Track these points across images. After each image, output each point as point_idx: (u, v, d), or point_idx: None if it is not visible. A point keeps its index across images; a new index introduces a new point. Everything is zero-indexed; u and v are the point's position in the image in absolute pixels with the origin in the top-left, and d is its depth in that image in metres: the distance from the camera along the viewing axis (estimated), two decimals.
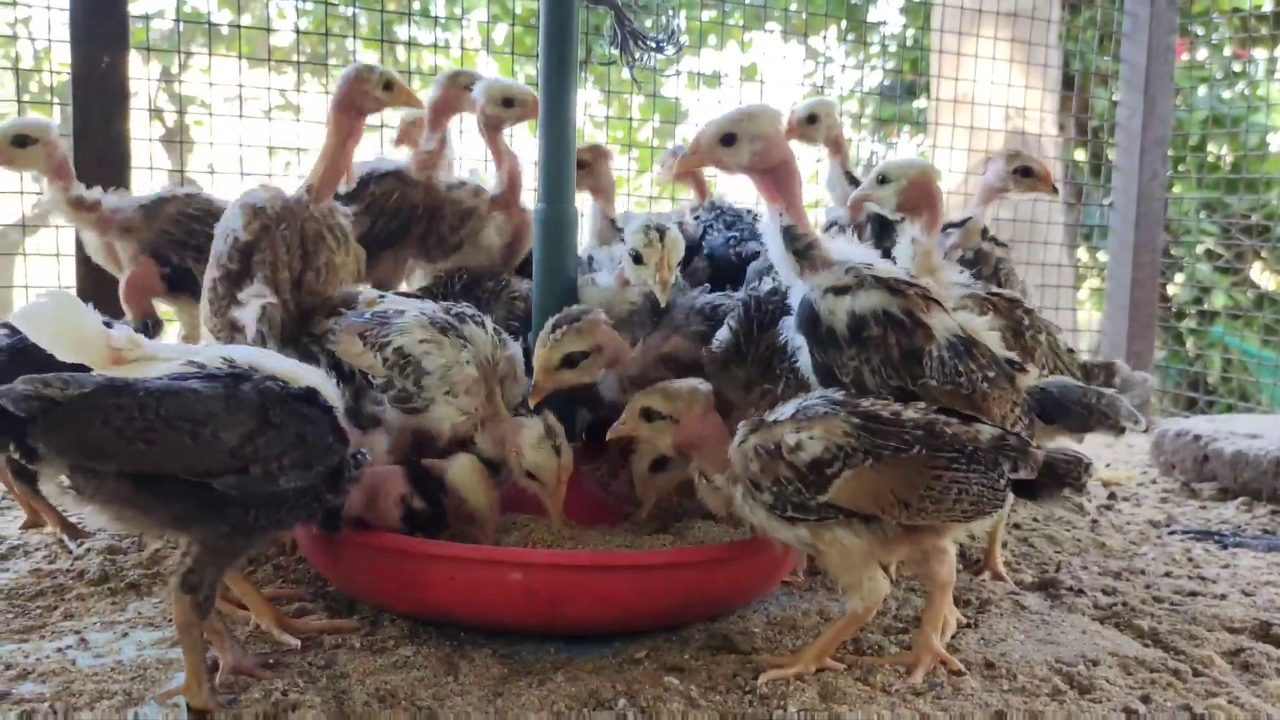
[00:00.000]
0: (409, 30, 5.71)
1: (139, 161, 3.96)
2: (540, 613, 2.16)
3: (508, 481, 2.46)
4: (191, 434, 1.81)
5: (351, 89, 2.85)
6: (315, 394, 2.01)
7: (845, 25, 7.38)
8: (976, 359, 2.20)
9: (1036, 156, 3.39)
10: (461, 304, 2.60)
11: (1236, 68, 7.59)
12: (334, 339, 2.53)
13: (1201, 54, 7.59)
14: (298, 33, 5.68)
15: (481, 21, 5.70)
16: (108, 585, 2.53)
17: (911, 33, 7.21)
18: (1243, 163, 6.60)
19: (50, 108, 4.71)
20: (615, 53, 3.10)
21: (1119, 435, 2.37)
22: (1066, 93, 6.81)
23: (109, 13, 3.79)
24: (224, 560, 1.93)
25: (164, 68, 6.54)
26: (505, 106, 3.17)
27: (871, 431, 2.03)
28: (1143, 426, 2.37)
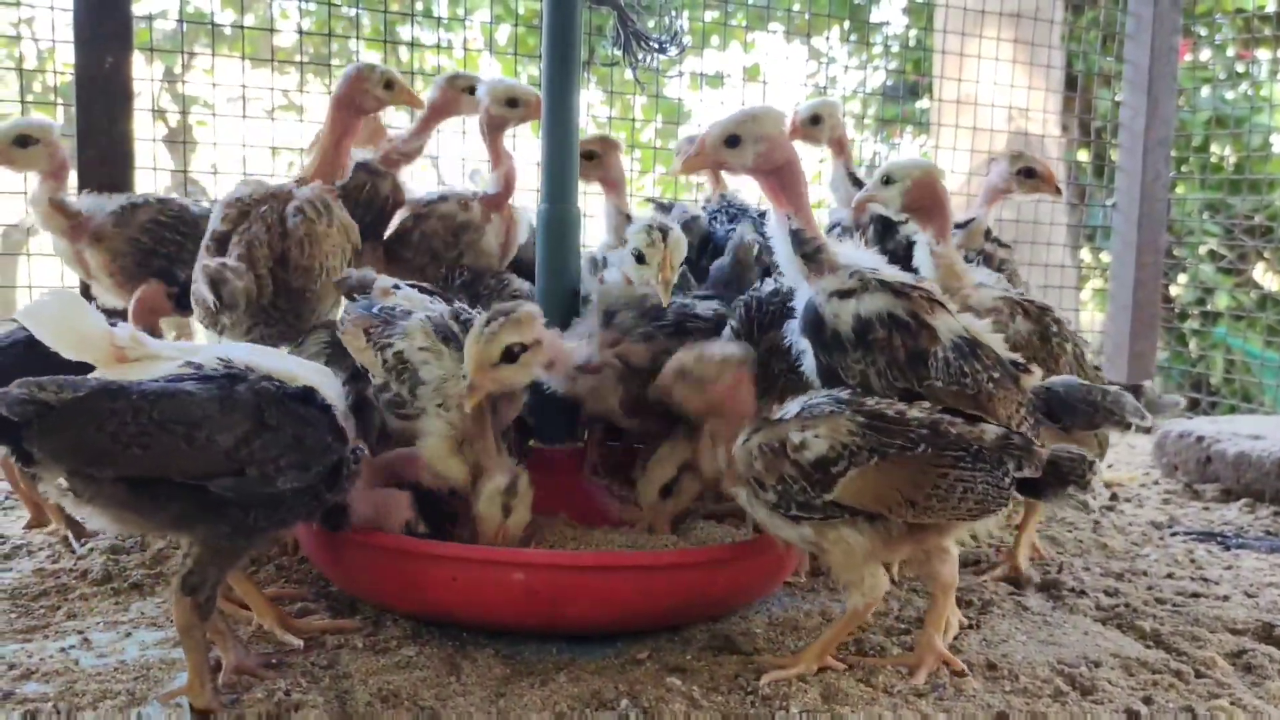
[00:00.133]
0: (412, 31, 5.71)
1: (142, 162, 3.96)
2: (542, 613, 2.17)
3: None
4: (186, 437, 1.80)
5: (352, 87, 2.86)
6: (313, 393, 2.00)
7: (848, 26, 7.39)
8: (981, 360, 2.20)
9: (1039, 157, 3.39)
10: (471, 311, 2.52)
11: (1240, 68, 7.59)
12: (341, 329, 2.52)
13: (1205, 55, 7.58)
14: (301, 33, 5.69)
15: (484, 22, 5.72)
16: (111, 585, 2.53)
17: (914, 33, 7.21)
18: (1246, 163, 6.59)
19: (54, 108, 4.72)
20: (618, 53, 3.10)
21: (1125, 431, 2.36)
22: (1069, 93, 6.80)
23: (112, 13, 3.80)
24: (225, 561, 1.93)
25: (167, 68, 6.56)
26: (509, 107, 3.17)
27: (877, 430, 2.03)
28: (1148, 423, 2.36)
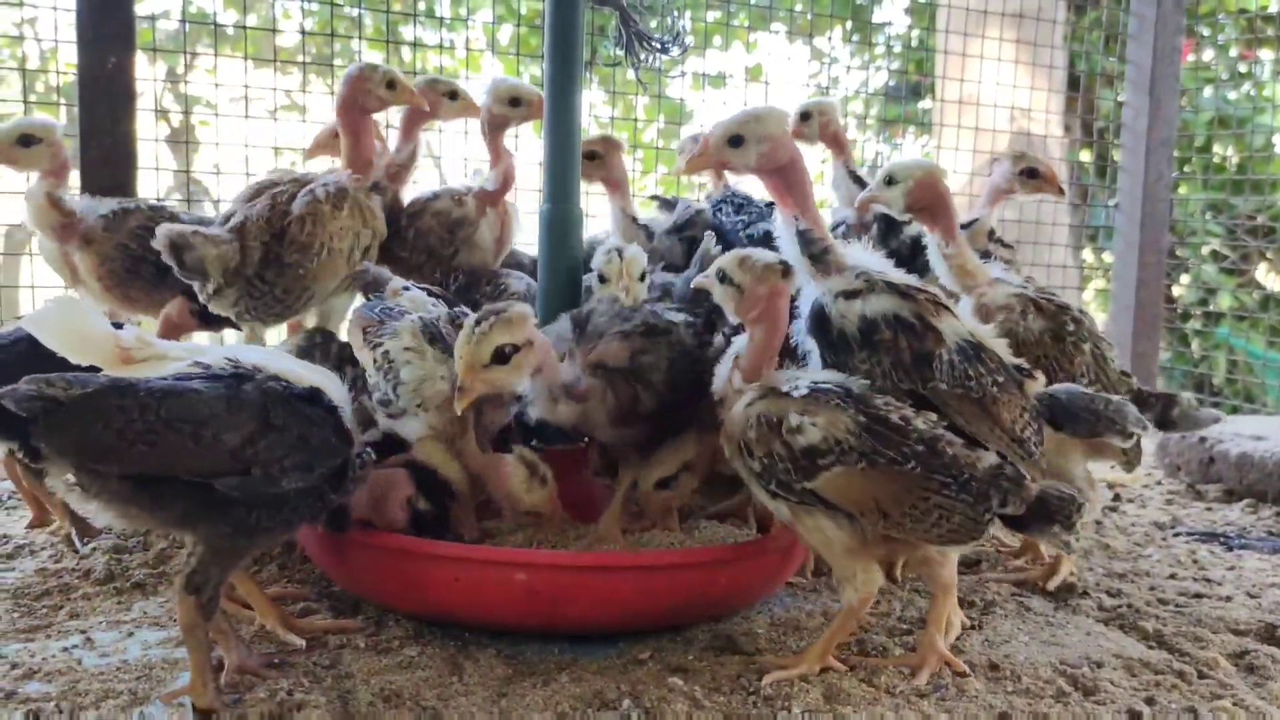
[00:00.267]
0: (414, 31, 5.71)
1: (145, 162, 3.97)
2: (544, 613, 2.17)
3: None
4: (193, 435, 1.81)
5: (354, 88, 2.87)
6: (319, 394, 2.01)
7: (850, 26, 7.38)
8: (985, 363, 2.21)
9: (1042, 158, 3.39)
10: (468, 313, 2.50)
11: (1242, 69, 7.58)
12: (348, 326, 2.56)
13: (1207, 55, 7.58)
14: (303, 33, 5.71)
15: (486, 22, 5.72)
16: (113, 585, 2.53)
17: (916, 34, 7.19)
18: (1248, 164, 6.59)
19: (56, 108, 4.72)
20: (620, 53, 3.10)
21: (1126, 441, 2.36)
22: (1072, 94, 6.80)
23: (115, 13, 3.80)
24: (228, 561, 1.93)
25: (170, 68, 6.56)
26: (511, 106, 3.18)
27: (875, 435, 2.02)
28: (1147, 432, 2.37)
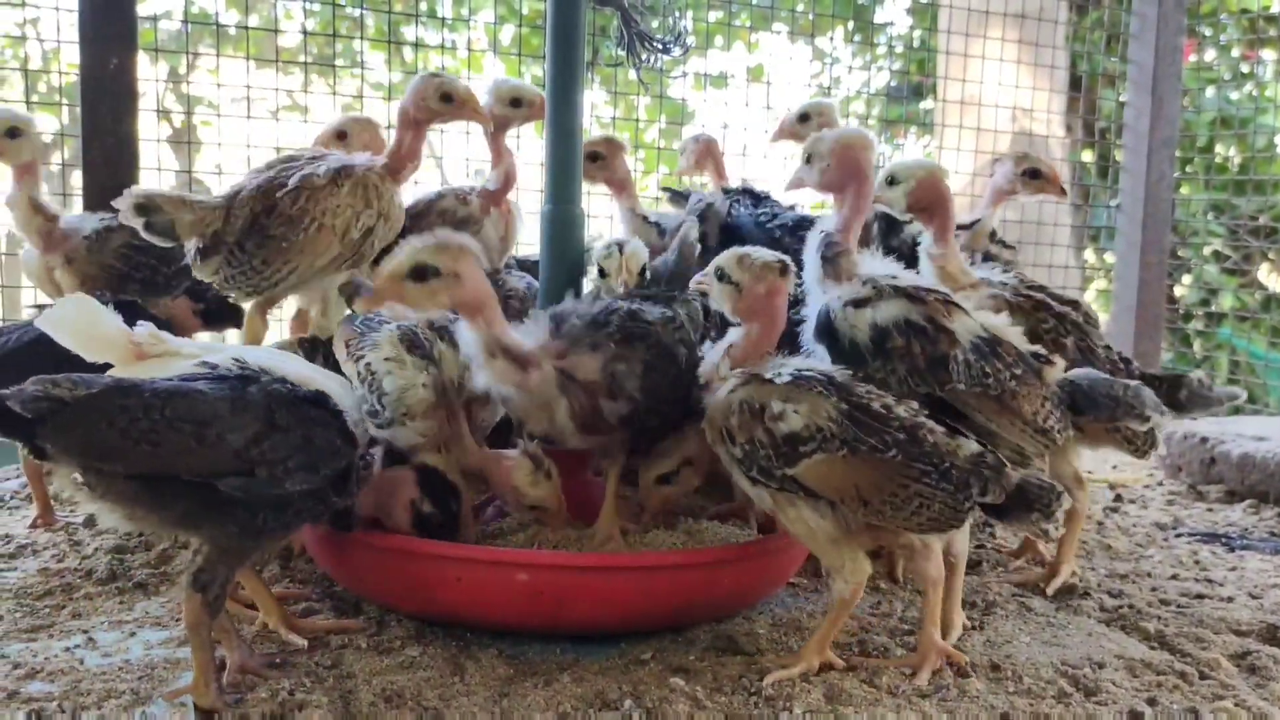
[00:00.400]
0: (416, 31, 5.71)
1: (147, 162, 3.97)
2: (546, 613, 2.17)
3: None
4: (197, 436, 1.82)
5: (411, 99, 2.83)
6: (324, 397, 2.02)
7: (852, 26, 7.39)
8: (1002, 358, 2.21)
9: (1044, 158, 3.39)
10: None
11: (1244, 69, 7.57)
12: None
13: (1209, 55, 7.57)
14: (305, 34, 5.71)
15: (488, 22, 5.71)
16: (115, 585, 2.54)
17: (918, 34, 7.18)
18: (1250, 164, 6.58)
19: (59, 108, 4.72)
20: (622, 54, 3.11)
21: (1143, 425, 2.35)
22: (1074, 94, 6.79)
23: (117, 14, 3.81)
24: (235, 560, 1.94)
25: (172, 68, 6.57)
26: (513, 106, 3.18)
27: (856, 423, 2.02)
28: (1169, 418, 2.35)
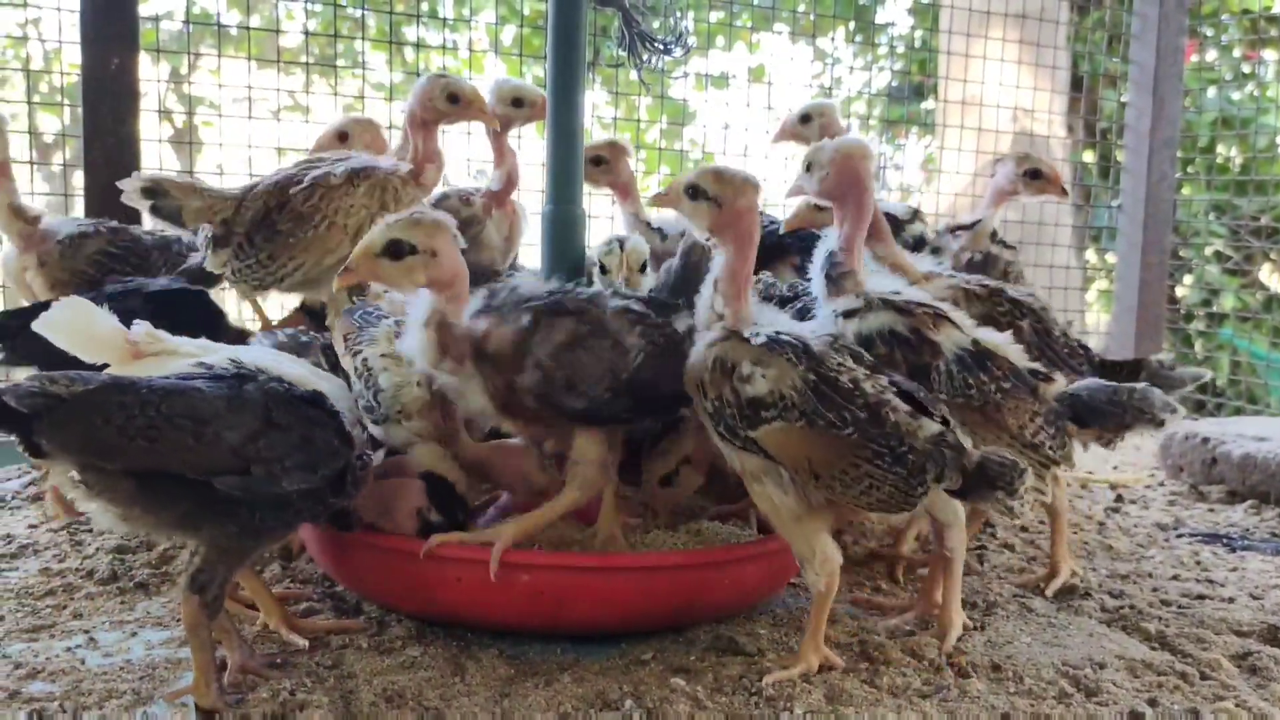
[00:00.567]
0: (417, 32, 5.71)
1: (148, 162, 3.98)
2: (546, 614, 2.17)
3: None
4: (194, 433, 1.82)
5: (418, 100, 2.83)
6: (321, 397, 2.02)
7: (853, 26, 7.39)
8: (990, 371, 2.23)
9: (1046, 159, 3.39)
10: None
11: (1246, 69, 7.57)
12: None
13: (1210, 55, 7.57)
14: (306, 34, 5.71)
15: (489, 23, 5.72)
16: (116, 585, 2.54)
17: (920, 34, 7.19)
18: (1252, 164, 6.58)
19: (60, 108, 4.74)
20: (623, 54, 3.11)
21: (1160, 429, 2.34)
22: (1075, 94, 6.79)
23: (118, 14, 3.81)
24: (232, 561, 1.94)
25: (173, 69, 6.57)
26: (515, 106, 3.19)
27: (819, 395, 2.02)
28: (1181, 415, 2.34)
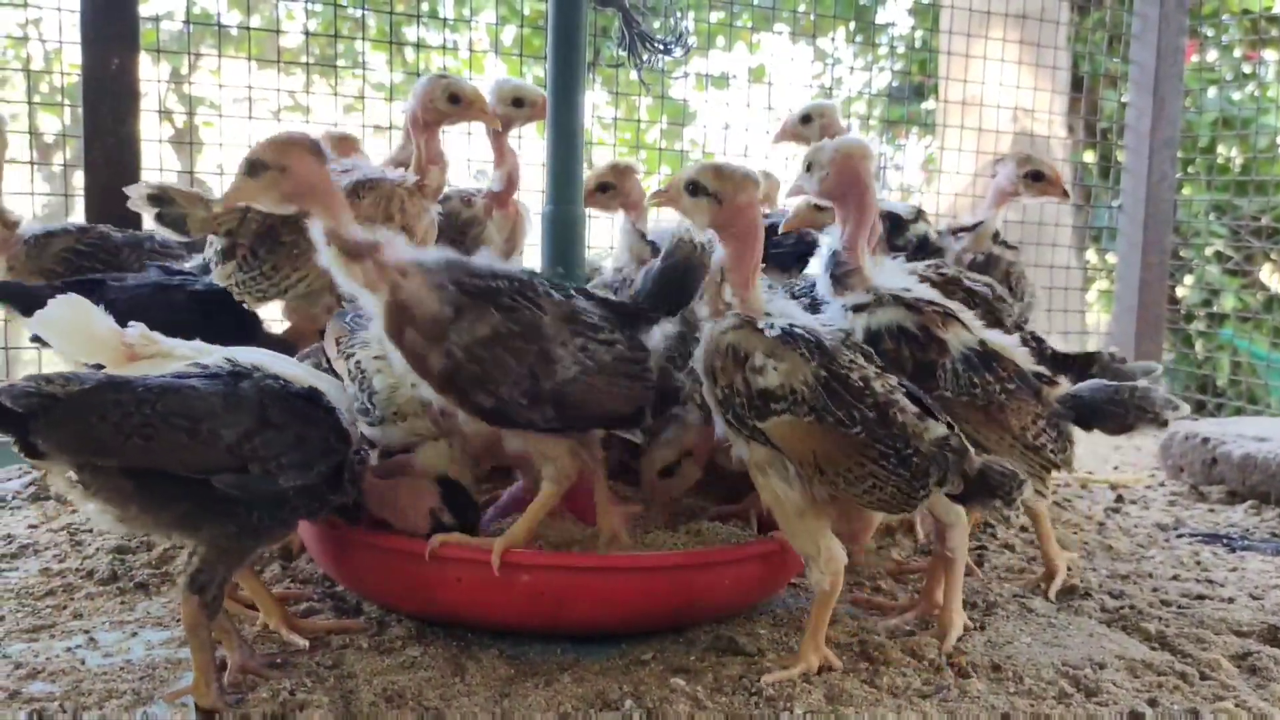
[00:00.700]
0: (417, 32, 5.72)
1: (148, 163, 3.98)
2: (547, 614, 2.17)
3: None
4: (189, 431, 1.83)
5: (419, 102, 2.83)
6: (317, 394, 2.03)
7: (854, 27, 7.39)
8: (995, 371, 2.24)
9: (1048, 160, 3.39)
10: None
11: (1246, 69, 7.57)
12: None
13: (1211, 55, 7.57)
14: (307, 34, 5.71)
15: (490, 23, 5.72)
16: (116, 585, 2.54)
17: (920, 34, 7.19)
18: (1252, 165, 6.58)
19: (60, 109, 4.74)
20: (623, 54, 3.10)
21: (1162, 429, 2.34)
22: (1075, 94, 6.80)
23: (119, 14, 3.81)
24: (231, 560, 1.94)
25: (173, 69, 6.56)
26: (515, 106, 3.19)
27: (830, 392, 2.02)
28: (1184, 412, 2.33)
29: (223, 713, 1.88)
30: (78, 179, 3.93)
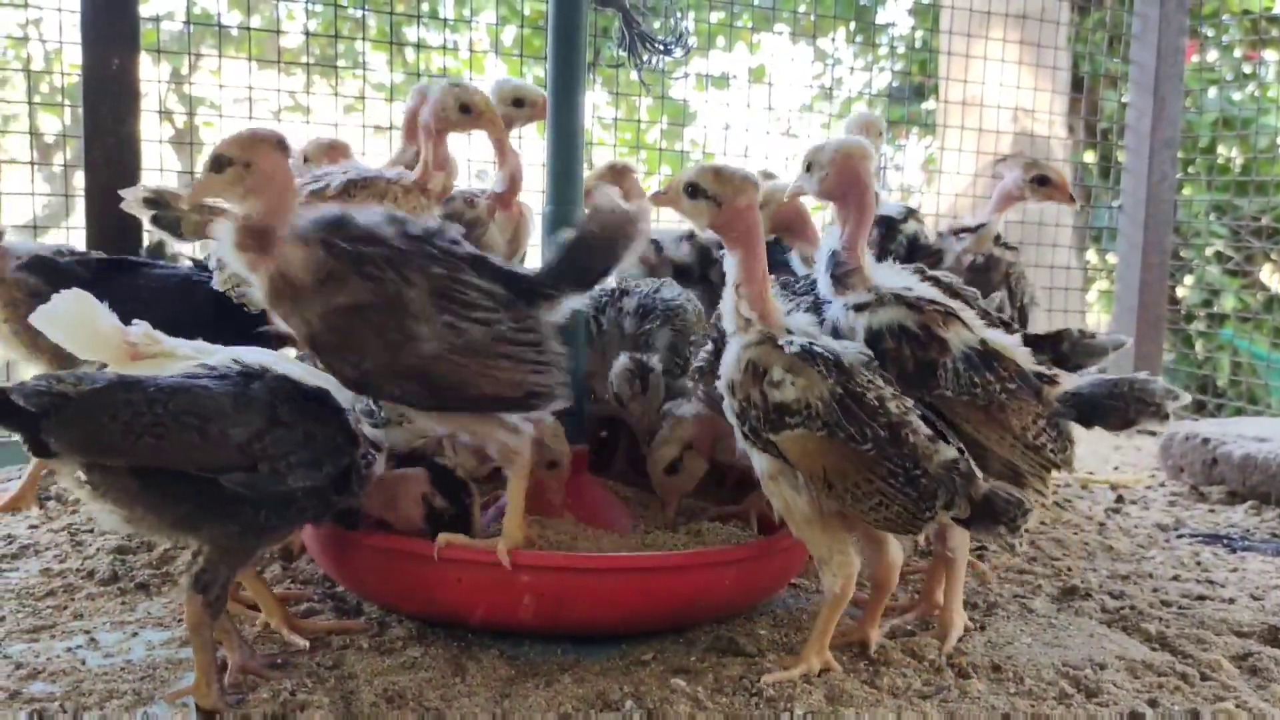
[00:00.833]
0: (418, 32, 5.72)
1: (149, 163, 3.98)
2: (547, 614, 2.17)
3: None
4: (200, 430, 1.83)
5: (431, 111, 2.83)
6: (326, 394, 2.03)
7: (854, 27, 7.39)
8: (996, 371, 2.24)
9: (1053, 165, 3.39)
10: None
11: (1246, 69, 7.57)
12: None
13: (1211, 56, 7.57)
14: (307, 35, 5.71)
15: (490, 23, 5.73)
16: (117, 585, 2.54)
17: (920, 35, 7.19)
18: (1253, 165, 6.58)
19: (61, 109, 4.74)
20: (624, 55, 3.10)
21: (1164, 423, 2.33)
22: (1075, 95, 6.79)
23: (119, 14, 3.81)
24: (235, 560, 1.95)
25: (174, 69, 6.56)
26: (515, 106, 3.19)
27: (844, 409, 2.04)
28: (1184, 401, 2.32)
29: (223, 713, 1.88)
30: (78, 179, 3.93)
